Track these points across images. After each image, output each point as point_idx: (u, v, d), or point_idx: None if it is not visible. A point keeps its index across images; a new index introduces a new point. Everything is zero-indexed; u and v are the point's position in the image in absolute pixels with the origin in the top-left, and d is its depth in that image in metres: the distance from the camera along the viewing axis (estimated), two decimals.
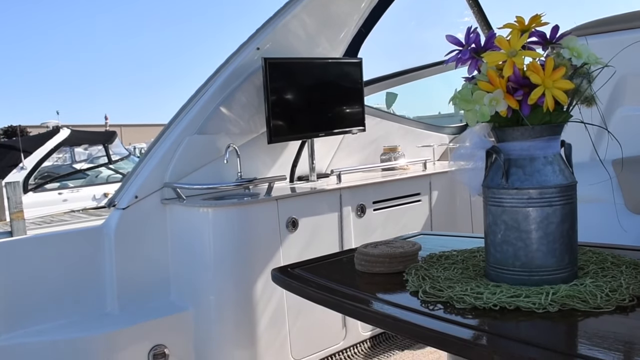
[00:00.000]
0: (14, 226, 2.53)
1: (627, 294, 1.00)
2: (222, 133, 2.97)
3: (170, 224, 2.82)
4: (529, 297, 1.00)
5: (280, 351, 2.75)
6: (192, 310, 2.71)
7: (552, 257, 1.08)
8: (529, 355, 0.80)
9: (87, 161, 10.35)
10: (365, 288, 1.15)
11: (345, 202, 3.02)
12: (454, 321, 0.93)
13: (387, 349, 3.11)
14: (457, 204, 3.66)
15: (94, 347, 2.52)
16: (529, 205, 1.08)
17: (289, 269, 1.30)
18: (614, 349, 0.82)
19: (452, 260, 1.27)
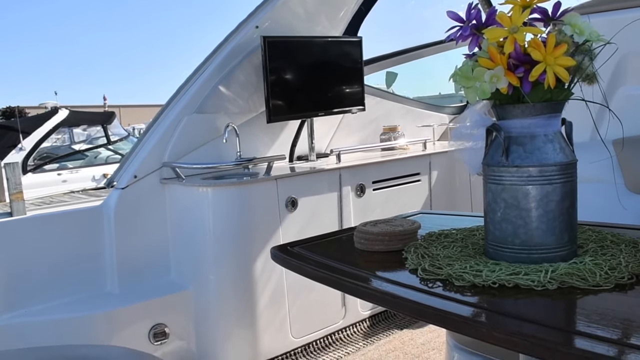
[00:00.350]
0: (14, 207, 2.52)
1: (626, 272, 1.00)
2: (221, 112, 2.96)
3: (169, 203, 2.82)
4: (528, 274, 1.00)
5: (280, 330, 2.77)
6: (192, 290, 2.73)
7: (552, 235, 1.08)
8: (527, 332, 0.80)
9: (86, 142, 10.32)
10: (365, 266, 1.16)
11: (344, 182, 3.01)
12: (452, 298, 0.94)
13: (386, 327, 3.13)
14: (457, 184, 3.66)
15: (94, 326, 2.54)
16: (529, 183, 1.07)
17: (288, 247, 1.30)
18: (613, 327, 0.82)
19: (451, 238, 1.27)
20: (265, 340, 2.72)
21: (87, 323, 2.53)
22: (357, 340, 3.00)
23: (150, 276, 2.80)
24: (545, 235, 1.08)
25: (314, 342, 2.91)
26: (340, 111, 3.36)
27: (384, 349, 2.86)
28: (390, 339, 2.97)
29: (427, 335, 2.99)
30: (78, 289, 2.67)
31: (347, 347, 2.92)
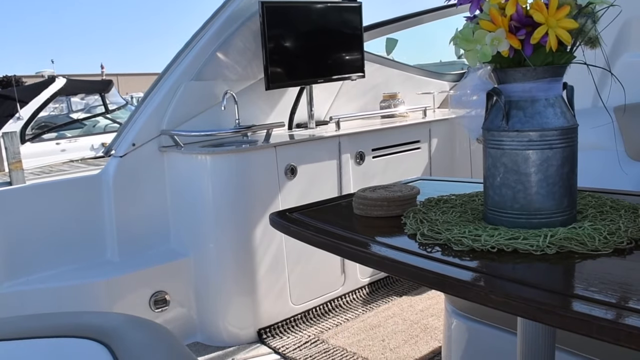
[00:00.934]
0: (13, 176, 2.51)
1: (625, 237, 1.00)
2: (219, 79, 2.93)
3: (168, 171, 2.82)
4: (526, 239, 1.00)
5: (280, 297, 2.79)
6: (192, 257, 2.74)
7: (551, 200, 1.07)
8: (525, 295, 0.80)
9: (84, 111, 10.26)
10: (364, 231, 1.15)
11: (344, 150, 3.00)
12: (451, 263, 0.94)
13: (385, 294, 3.16)
14: (457, 152, 3.65)
15: (95, 293, 2.56)
16: (529, 147, 1.06)
17: (287, 213, 1.30)
18: (611, 290, 0.82)
19: (450, 204, 1.27)
20: (265, 306, 2.74)
21: (87, 291, 2.56)
22: (356, 306, 3.03)
23: (150, 244, 2.81)
24: (545, 200, 1.07)
25: (313, 308, 2.93)
26: (339, 78, 3.33)
27: (383, 315, 2.88)
28: (389, 305, 3.00)
29: (425, 302, 3.01)
30: (78, 257, 2.68)
31: (346, 313, 2.95)
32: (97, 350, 1.15)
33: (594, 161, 2.51)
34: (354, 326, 2.78)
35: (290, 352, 2.57)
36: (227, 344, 2.71)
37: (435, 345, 2.52)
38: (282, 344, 2.65)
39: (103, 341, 1.18)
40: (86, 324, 1.32)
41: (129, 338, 1.21)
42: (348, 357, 2.48)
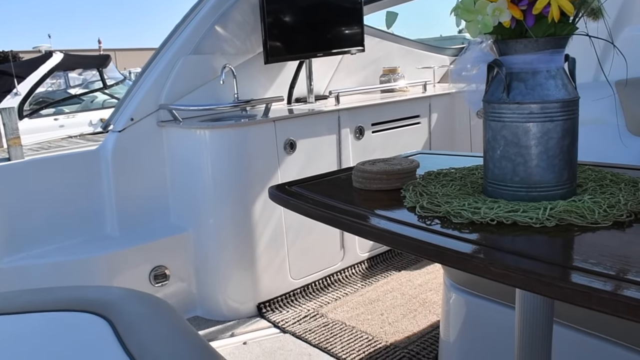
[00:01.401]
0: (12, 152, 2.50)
1: (625, 210, 1.00)
2: (217, 53, 2.91)
3: (167, 146, 2.81)
4: (526, 212, 1.00)
5: (279, 271, 2.81)
6: (192, 232, 2.75)
7: (551, 173, 1.07)
8: (524, 267, 0.80)
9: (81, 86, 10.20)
10: (363, 204, 1.15)
11: (343, 124, 2.99)
12: (450, 235, 0.93)
13: (384, 269, 3.17)
14: (457, 127, 3.64)
15: (95, 268, 2.57)
16: (529, 120, 1.05)
17: (286, 187, 1.29)
18: (610, 263, 0.82)
19: (450, 177, 1.26)
20: (265, 281, 2.76)
21: (87, 266, 2.56)
22: (355, 281, 3.04)
23: (149, 219, 2.81)
24: (545, 173, 1.07)
25: (312, 283, 2.95)
26: (339, 52, 3.30)
27: (382, 289, 2.90)
28: (388, 280, 3.02)
29: (424, 276, 3.03)
30: (78, 232, 2.69)
31: (345, 288, 2.97)
32: (97, 324, 1.15)
33: (594, 136, 2.51)
34: (353, 300, 2.80)
35: (289, 326, 2.59)
36: (227, 318, 2.73)
37: (434, 319, 2.54)
38: (281, 318, 2.67)
39: (103, 315, 1.18)
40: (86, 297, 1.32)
41: (129, 311, 1.22)
42: (347, 331, 2.50)
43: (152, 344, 1.11)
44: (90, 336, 1.13)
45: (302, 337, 2.49)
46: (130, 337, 1.08)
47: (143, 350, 1.05)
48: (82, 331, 1.15)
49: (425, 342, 2.35)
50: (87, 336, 1.14)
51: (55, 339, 1.13)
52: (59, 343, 1.12)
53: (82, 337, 1.14)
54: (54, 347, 1.10)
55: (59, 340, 1.13)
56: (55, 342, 1.12)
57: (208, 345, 1.14)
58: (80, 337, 1.14)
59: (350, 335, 2.47)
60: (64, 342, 1.12)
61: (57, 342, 1.12)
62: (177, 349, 1.11)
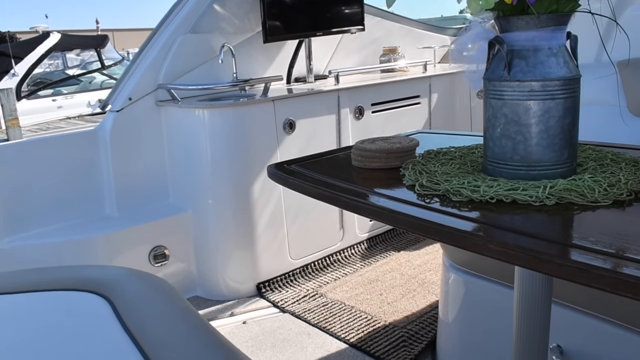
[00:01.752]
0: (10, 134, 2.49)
1: (625, 189, 1.00)
2: (216, 32, 2.88)
3: (165, 126, 2.80)
4: (526, 190, 0.99)
5: (279, 252, 2.81)
6: (191, 212, 2.75)
7: (552, 151, 1.06)
8: (524, 244, 0.80)
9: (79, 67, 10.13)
10: (362, 183, 1.15)
11: (343, 104, 2.98)
12: (450, 213, 0.93)
13: (383, 249, 3.18)
14: (457, 107, 3.62)
15: (94, 248, 2.57)
16: (530, 98, 1.05)
17: (285, 165, 1.28)
18: (610, 241, 0.82)
19: (450, 156, 1.25)
20: (264, 261, 2.76)
21: (87, 246, 2.57)
22: (354, 261, 3.05)
23: (149, 199, 2.81)
24: (545, 151, 1.06)
25: (312, 263, 2.96)
26: (338, 31, 3.27)
27: (381, 270, 2.91)
28: (388, 260, 3.03)
29: (423, 257, 3.04)
30: (77, 213, 2.69)
31: (344, 268, 2.98)
32: (97, 303, 1.15)
33: (595, 116, 2.49)
34: (352, 280, 2.81)
35: (289, 306, 2.60)
36: (227, 297, 2.74)
37: (433, 299, 2.55)
38: (280, 298, 2.68)
39: (103, 294, 1.18)
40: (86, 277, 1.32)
41: (129, 291, 1.22)
42: (346, 311, 2.52)
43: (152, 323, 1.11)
44: (90, 315, 1.13)
45: (301, 317, 2.50)
46: (130, 316, 1.08)
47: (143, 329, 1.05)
48: (81, 310, 1.15)
49: (424, 322, 2.36)
50: (86, 315, 1.14)
51: (55, 318, 1.13)
52: (59, 322, 1.12)
53: (82, 316, 1.14)
54: (53, 326, 1.10)
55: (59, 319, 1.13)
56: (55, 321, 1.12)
57: (208, 325, 1.15)
58: (79, 316, 1.14)
59: (350, 315, 2.48)
60: (64, 321, 1.12)
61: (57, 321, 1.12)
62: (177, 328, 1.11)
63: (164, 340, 1.05)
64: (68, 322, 1.11)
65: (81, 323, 1.10)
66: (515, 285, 1.21)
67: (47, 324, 1.10)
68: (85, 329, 1.08)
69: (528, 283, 1.18)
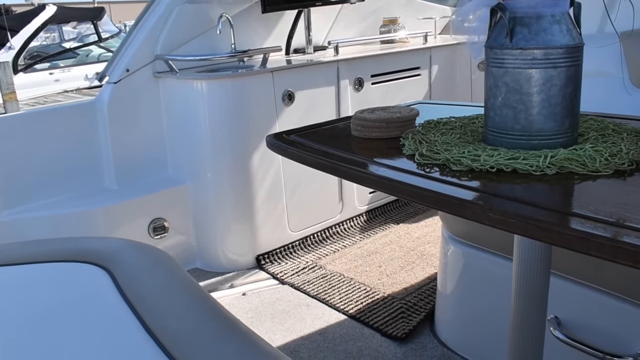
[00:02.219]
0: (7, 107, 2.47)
1: (626, 159, 0.99)
2: (214, 2, 2.84)
3: (163, 97, 2.78)
4: (526, 159, 0.99)
5: (278, 224, 2.81)
6: (190, 184, 2.74)
7: (553, 120, 1.05)
8: (523, 213, 0.79)
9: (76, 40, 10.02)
10: (362, 152, 1.14)
11: (342, 76, 2.95)
12: (449, 182, 0.92)
13: (382, 222, 3.19)
14: (457, 79, 3.59)
15: (94, 221, 2.57)
16: (532, 66, 1.03)
17: (284, 135, 1.27)
18: (610, 210, 0.82)
19: (450, 126, 1.24)
20: (264, 233, 2.77)
21: (86, 219, 2.57)
22: (353, 234, 3.06)
23: (147, 171, 2.80)
24: (547, 120, 1.05)
25: (311, 235, 2.97)
26: (338, 1, 3.22)
27: (380, 242, 2.92)
28: (387, 232, 3.03)
29: (423, 229, 3.04)
30: (76, 185, 2.68)
31: (343, 240, 2.99)
32: (97, 274, 1.15)
33: (597, 88, 2.47)
34: (351, 253, 2.82)
35: (288, 278, 2.61)
36: (226, 269, 2.75)
37: (431, 271, 2.57)
38: (280, 270, 2.69)
39: (103, 265, 1.18)
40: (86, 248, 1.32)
41: (128, 262, 1.22)
42: (345, 283, 2.53)
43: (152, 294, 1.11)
44: (89, 286, 1.13)
45: (300, 288, 2.52)
46: (130, 287, 1.09)
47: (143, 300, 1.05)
48: (81, 281, 1.16)
49: (422, 294, 2.38)
50: (86, 286, 1.14)
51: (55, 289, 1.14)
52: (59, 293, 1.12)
53: (82, 287, 1.14)
54: (53, 297, 1.10)
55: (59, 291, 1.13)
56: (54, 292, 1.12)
57: (208, 296, 1.15)
58: (79, 287, 1.14)
59: (349, 287, 2.49)
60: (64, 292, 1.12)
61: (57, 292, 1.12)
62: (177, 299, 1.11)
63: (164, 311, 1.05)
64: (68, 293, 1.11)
65: (81, 294, 1.11)
66: (514, 256, 1.21)
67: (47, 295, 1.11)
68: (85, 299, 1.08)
69: (527, 254, 1.18)
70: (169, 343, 0.90)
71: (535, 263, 1.18)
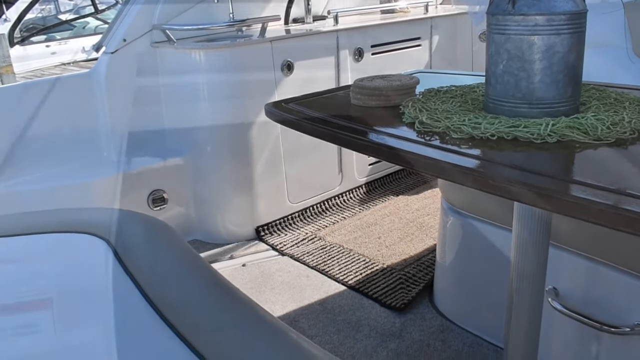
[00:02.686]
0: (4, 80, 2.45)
1: (628, 128, 0.98)
2: None
3: (161, 67, 2.74)
4: (527, 127, 0.98)
5: (277, 195, 2.81)
6: (189, 155, 2.73)
7: (555, 88, 1.04)
8: (524, 180, 0.79)
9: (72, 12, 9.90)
10: (361, 121, 1.13)
11: (342, 46, 2.92)
12: (450, 150, 0.92)
13: (382, 194, 3.19)
14: (458, 50, 3.55)
15: (93, 192, 2.57)
16: (534, 32, 1.02)
17: (282, 104, 1.26)
18: (611, 178, 0.81)
19: (450, 94, 1.23)
20: (263, 205, 2.77)
21: (85, 190, 2.56)
22: (353, 205, 3.06)
23: (146, 142, 2.78)
24: (548, 88, 1.04)
25: (310, 207, 2.97)
26: None
27: (379, 213, 2.92)
28: (386, 204, 3.03)
29: (422, 201, 3.04)
30: (74, 157, 2.66)
31: (343, 212, 2.99)
32: (97, 245, 1.15)
33: (600, 58, 2.45)
34: (351, 224, 2.82)
35: (287, 249, 2.62)
36: (226, 241, 2.75)
37: (431, 243, 2.57)
38: (279, 241, 2.70)
39: (102, 236, 1.18)
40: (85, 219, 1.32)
41: (129, 233, 1.22)
42: (344, 254, 2.54)
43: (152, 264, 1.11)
44: (89, 257, 1.13)
45: (300, 260, 2.52)
46: (130, 258, 1.09)
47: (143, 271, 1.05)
48: (81, 252, 1.16)
49: (421, 265, 2.39)
50: (86, 257, 1.14)
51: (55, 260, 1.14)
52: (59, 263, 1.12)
53: (82, 258, 1.14)
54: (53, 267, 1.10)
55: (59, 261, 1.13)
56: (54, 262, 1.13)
57: (208, 266, 1.15)
58: (79, 258, 1.14)
59: (348, 258, 2.50)
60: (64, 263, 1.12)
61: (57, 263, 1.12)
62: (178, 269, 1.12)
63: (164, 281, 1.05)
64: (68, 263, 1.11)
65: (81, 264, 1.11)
66: (514, 227, 1.21)
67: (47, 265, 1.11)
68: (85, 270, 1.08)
69: (526, 225, 1.18)
70: (169, 313, 0.91)
71: (534, 234, 1.18)
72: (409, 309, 2.12)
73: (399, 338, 1.96)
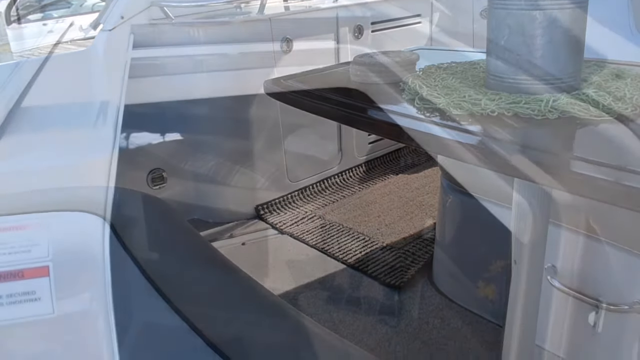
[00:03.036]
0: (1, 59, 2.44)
1: (630, 104, 0.97)
2: None
3: (159, 45, 2.72)
4: (528, 103, 0.97)
5: (277, 174, 2.81)
6: (189, 134, 2.72)
7: (556, 64, 1.03)
8: (525, 157, 0.78)
9: None
10: (361, 97, 1.12)
11: (341, 23, 2.89)
12: (450, 126, 0.91)
13: (381, 173, 3.18)
14: (459, 28, 3.52)
15: (90, 171, 2.55)
16: (536, 7, 1.00)
17: (282, 81, 1.25)
18: (612, 154, 0.81)
19: (451, 71, 1.22)
20: (263, 184, 2.77)
21: (82, 168, 2.55)
22: (352, 184, 3.06)
23: (145, 121, 2.77)
24: (550, 64, 1.03)
25: (310, 186, 2.96)
26: None
27: (379, 192, 2.92)
28: (386, 183, 3.03)
29: (422, 180, 3.04)
30: (72, 136, 2.65)
31: (343, 191, 2.99)
32: (94, 223, 1.15)
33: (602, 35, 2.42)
34: (350, 203, 2.82)
35: (287, 228, 2.62)
36: (226, 220, 2.75)
37: (430, 222, 2.58)
38: (279, 220, 2.70)
39: (100, 214, 1.18)
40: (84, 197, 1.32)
41: (126, 210, 1.21)
42: (344, 232, 2.54)
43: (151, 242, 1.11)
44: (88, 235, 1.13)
45: (299, 238, 2.53)
46: (130, 236, 1.09)
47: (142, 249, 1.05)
48: (79, 230, 1.15)
49: (420, 243, 2.39)
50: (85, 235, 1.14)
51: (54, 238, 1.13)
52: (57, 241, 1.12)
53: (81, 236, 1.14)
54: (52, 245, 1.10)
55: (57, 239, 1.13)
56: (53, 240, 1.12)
57: (208, 244, 1.15)
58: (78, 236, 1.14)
59: (347, 237, 2.50)
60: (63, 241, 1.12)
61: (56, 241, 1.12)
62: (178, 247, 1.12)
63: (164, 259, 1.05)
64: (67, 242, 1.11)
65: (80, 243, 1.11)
66: (513, 204, 1.20)
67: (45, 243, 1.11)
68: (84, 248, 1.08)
69: (526, 201, 1.18)
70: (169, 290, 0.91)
71: (533, 211, 1.18)
72: (408, 287, 2.13)
73: (398, 316, 1.97)
